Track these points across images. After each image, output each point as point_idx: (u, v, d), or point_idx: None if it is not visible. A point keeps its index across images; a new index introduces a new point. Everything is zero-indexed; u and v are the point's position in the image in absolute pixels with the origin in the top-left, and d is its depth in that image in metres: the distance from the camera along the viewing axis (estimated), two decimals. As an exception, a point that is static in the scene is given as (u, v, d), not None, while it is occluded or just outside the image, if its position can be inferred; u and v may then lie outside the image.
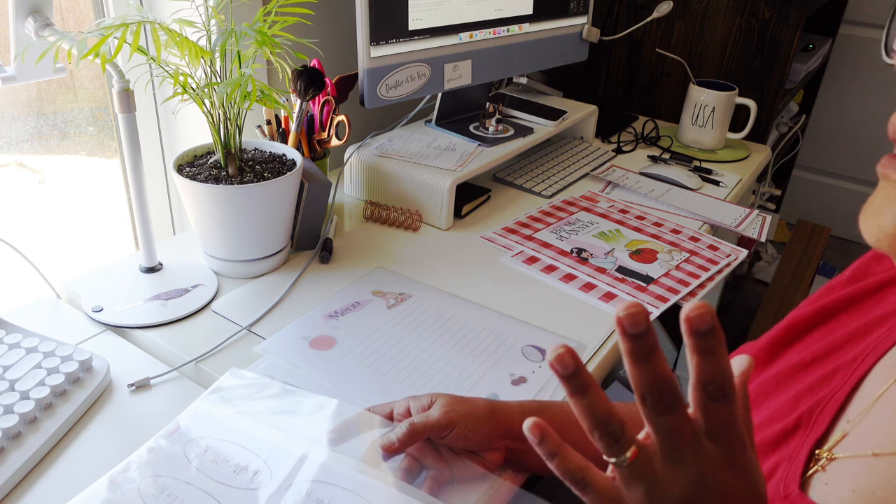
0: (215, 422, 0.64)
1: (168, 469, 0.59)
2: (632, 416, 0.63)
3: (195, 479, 0.58)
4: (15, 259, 0.81)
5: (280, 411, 0.65)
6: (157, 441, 0.62)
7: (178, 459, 0.60)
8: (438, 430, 0.57)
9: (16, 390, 0.66)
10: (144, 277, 0.87)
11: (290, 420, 0.64)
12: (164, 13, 1.03)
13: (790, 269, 1.95)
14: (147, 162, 1.10)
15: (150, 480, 0.58)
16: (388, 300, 0.87)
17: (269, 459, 0.59)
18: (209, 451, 0.61)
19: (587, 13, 1.35)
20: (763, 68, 1.50)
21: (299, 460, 0.59)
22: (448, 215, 1.06)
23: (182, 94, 0.79)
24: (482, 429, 0.59)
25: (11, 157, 0.99)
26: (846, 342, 0.50)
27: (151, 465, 0.59)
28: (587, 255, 1.00)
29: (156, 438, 0.62)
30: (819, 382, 0.48)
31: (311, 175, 0.94)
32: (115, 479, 0.58)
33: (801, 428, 0.45)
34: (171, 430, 0.63)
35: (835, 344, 0.50)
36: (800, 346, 0.54)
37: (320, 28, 1.17)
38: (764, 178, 1.88)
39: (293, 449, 0.60)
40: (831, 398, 0.46)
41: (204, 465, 0.59)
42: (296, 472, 0.58)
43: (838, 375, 0.47)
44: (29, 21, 0.75)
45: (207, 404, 0.66)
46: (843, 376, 0.47)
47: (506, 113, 1.32)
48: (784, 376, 0.52)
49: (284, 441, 0.61)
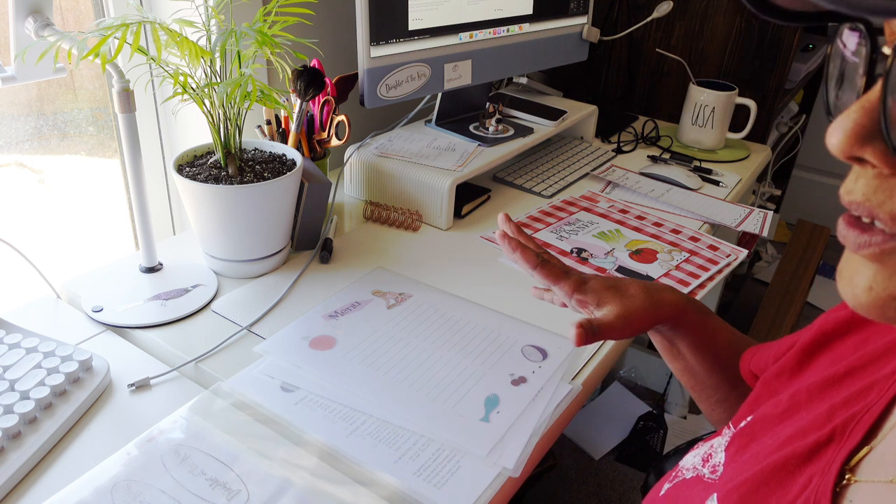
0: (196, 434, 0.64)
1: (143, 475, 0.60)
2: None
3: (170, 488, 0.59)
4: (15, 259, 0.81)
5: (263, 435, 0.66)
6: (134, 446, 0.62)
7: (154, 466, 0.61)
8: (611, 334, 0.62)
9: (16, 390, 0.66)
10: (144, 277, 0.87)
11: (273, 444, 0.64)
12: (164, 13, 1.03)
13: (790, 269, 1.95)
14: (147, 162, 1.10)
15: (124, 484, 0.58)
16: (388, 300, 0.87)
17: (247, 480, 0.60)
18: (187, 461, 0.61)
19: (587, 13, 1.35)
20: (763, 68, 1.50)
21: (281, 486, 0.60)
22: (448, 215, 1.06)
23: (182, 94, 0.79)
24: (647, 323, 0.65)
25: (11, 157, 0.99)
26: (883, 354, 0.48)
27: (126, 469, 0.60)
28: (587, 255, 1.00)
29: (133, 444, 0.63)
30: (855, 396, 0.47)
31: (311, 175, 0.94)
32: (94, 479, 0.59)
33: (835, 441, 0.45)
34: (150, 436, 0.63)
35: (871, 356, 0.49)
36: (831, 356, 0.53)
37: (320, 28, 1.17)
38: (764, 178, 1.88)
39: (274, 472, 0.61)
40: (866, 412, 0.45)
41: (180, 474, 0.60)
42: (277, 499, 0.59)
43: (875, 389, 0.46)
44: (29, 21, 0.75)
45: (192, 414, 0.67)
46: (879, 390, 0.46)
47: (506, 113, 1.32)
48: (817, 388, 0.50)
49: (266, 465, 0.61)
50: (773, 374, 0.56)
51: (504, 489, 0.63)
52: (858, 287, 0.34)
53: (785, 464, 0.45)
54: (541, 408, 0.71)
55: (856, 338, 0.52)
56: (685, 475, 0.54)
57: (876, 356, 0.49)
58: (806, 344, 0.55)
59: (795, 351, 0.55)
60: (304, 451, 0.64)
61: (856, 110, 0.30)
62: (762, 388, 0.56)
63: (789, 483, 0.44)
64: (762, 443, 0.50)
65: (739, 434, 0.53)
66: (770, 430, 0.50)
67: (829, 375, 0.50)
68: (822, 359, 0.53)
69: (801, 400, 0.51)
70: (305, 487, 0.60)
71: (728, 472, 0.50)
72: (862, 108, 0.30)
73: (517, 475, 0.64)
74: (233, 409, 0.68)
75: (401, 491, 0.61)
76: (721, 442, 0.54)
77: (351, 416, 0.69)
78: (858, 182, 0.32)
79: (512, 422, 0.69)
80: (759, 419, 0.52)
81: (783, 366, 0.55)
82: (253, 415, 0.68)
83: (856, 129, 0.30)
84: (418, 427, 0.67)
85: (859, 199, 0.32)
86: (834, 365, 0.51)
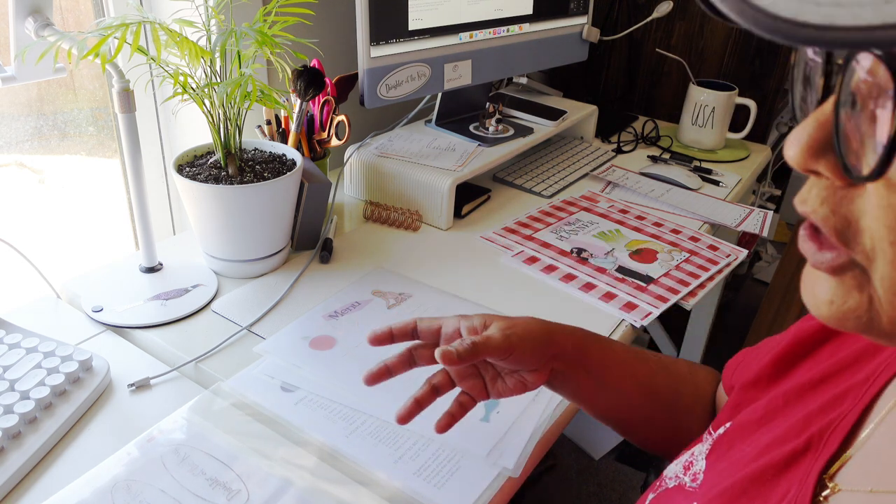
0: (197, 433, 0.64)
1: (142, 475, 0.60)
2: None
3: (170, 487, 0.59)
4: (15, 259, 0.81)
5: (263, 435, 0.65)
6: (134, 446, 0.62)
7: (154, 466, 0.60)
8: (499, 353, 0.57)
9: (16, 390, 0.66)
10: (144, 277, 0.87)
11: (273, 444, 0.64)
12: (164, 13, 1.03)
13: (790, 269, 1.95)
14: (147, 162, 1.10)
15: (124, 484, 0.58)
16: (388, 300, 0.87)
17: (247, 480, 0.60)
18: (187, 461, 0.61)
19: (587, 13, 1.35)
20: (763, 68, 1.50)
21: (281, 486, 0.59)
22: (448, 215, 1.06)
23: (182, 94, 0.79)
24: (538, 353, 0.59)
25: (11, 157, 0.99)
26: (856, 360, 0.48)
27: (126, 469, 0.60)
28: (587, 255, 1.00)
29: (133, 444, 0.63)
30: (831, 403, 0.46)
31: (311, 175, 0.94)
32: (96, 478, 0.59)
33: (812, 450, 0.44)
34: (150, 436, 0.63)
35: (845, 362, 0.49)
36: (809, 363, 0.52)
37: (320, 28, 1.17)
38: (764, 178, 1.88)
39: (274, 472, 0.61)
40: (842, 420, 0.44)
41: (180, 474, 0.60)
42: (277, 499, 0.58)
43: (850, 396, 0.45)
44: (29, 21, 0.75)
45: (192, 415, 0.66)
46: (854, 397, 0.45)
47: (506, 113, 1.32)
48: (793, 395, 0.50)
49: (266, 465, 0.61)
50: (751, 380, 0.55)
51: (504, 489, 0.63)
52: (819, 299, 0.33)
53: (763, 473, 0.45)
54: (541, 408, 0.71)
55: (833, 345, 0.52)
56: (668, 484, 0.54)
57: (850, 362, 0.48)
58: (783, 352, 0.54)
59: (772, 359, 0.55)
60: (304, 451, 0.64)
61: (811, 123, 0.30)
62: (741, 395, 0.56)
63: (768, 492, 0.44)
64: (741, 450, 0.49)
65: (719, 441, 0.52)
66: (748, 436, 0.50)
67: (804, 381, 0.50)
68: (799, 368, 0.53)
69: (778, 406, 0.50)
70: (305, 487, 0.60)
71: (708, 481, 0.50)
72: (816, 120, 0.30)
73: (517, 475, 0.64)
74: (233, 409, 0.68)
75: (401, 491, 0.61)
76: (702, 449, 0.53)
77: (351, 416, 0.69)
78: (812, 192, 0.32)
79: (512, 422, 0.69)
80: (737, 426, 0.52)
81: (760, 373, 0.55)
82: (253, 415, 0.68)
83: (810, 142, 0.30)
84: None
85: (808, 210, 0.32)
86: (810, 371, 0.51)
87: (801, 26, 0.21)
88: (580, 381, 0.63)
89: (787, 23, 0.22)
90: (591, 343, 0.64)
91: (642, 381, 0.66)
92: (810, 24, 0.21)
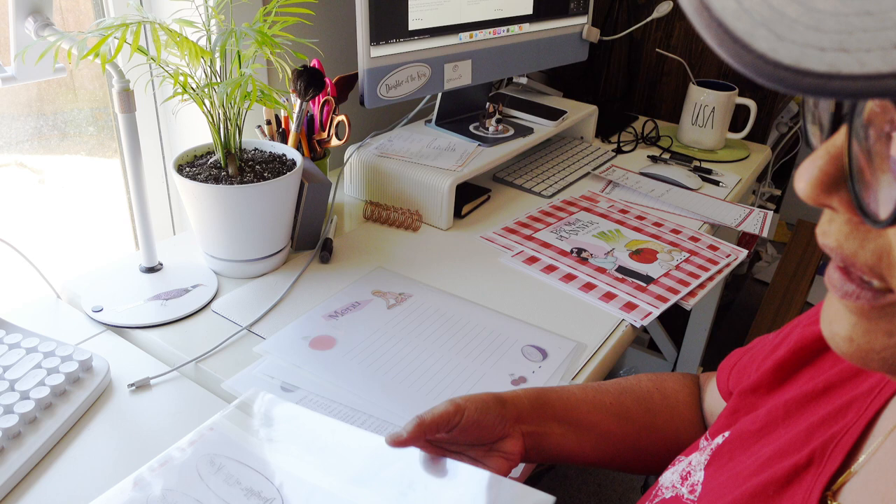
0: (231, 442, 0.63)
1: (178, 483, 0.59)
2: None
3: (204, 496, 0.58)
4: (15, 259, 0.81)
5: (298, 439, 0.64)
6: (171, 453, 0.61)
7: (189, 475, 0.60)
8: (448, 418, 0.55)
9: (16, 390, 0.66)
10: (144, 277, 0.87)
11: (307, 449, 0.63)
12: (164, 13, 1.03)
13: (790, 269, 1.95)
14: (147, 162, 1.10)
15: (159, 492, 0.58)
16: (388, 300, 0.87)
17: (282, 487, 0.59)
18: (222, 471, 0.60)
19: (587, 13, 1.35)
20: (763, 68, 1.50)
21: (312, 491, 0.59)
22: (448, 215, 1.06)
23: (182, 94, 0.79)
24: (492, 412, 0.57)
25: (11, 157, 0.99)
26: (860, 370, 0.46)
27: (163, 477, 0.59)
28: (587, 255, 1.00)
29: (170, 450, 0.61)
30: (833, 414, 0.45)
31: (311, 175, 0.95)
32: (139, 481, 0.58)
33: (814, 464, 0.43)
34: (187, 443, 0.62)
35: (848, 372, 0.47)
36: (811, 372, 0.51)
37: (320, 28, 1.17)
38: (764, 178, 1.88)
39: (307, 478, 0.60)
40: (846, 433, 0.43)
41: (216, 484, 0.59)
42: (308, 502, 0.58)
43: (853, 408, 0.44)
44: (29, 21, 0.75)
45: (227, 422, 0.65)
46: (858, 409, 0.44)
47: (506, 113, 1.32)
48: (794, 405, 0.48)
49: (299, 470, 0.60)
50: (751, 387, 0.54)
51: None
52: (838, 336, 0.32)
53: (765, 489, 0.44)
54: (541, 408, 0.71)
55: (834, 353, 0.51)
56: (664, 494, 0.52)
57: (853, 372, 0.47)
58: (784, 359, 0.53)
59: (773, 365, 0.53)
60: None
61: (822, 156, 0.28)
62: (739, 402, 0.54)
63: None
64: (741, 462, 0.48)
65: (718, 452, 0.51)
66: (748, 448, 0.49)
67: (806, 391, 0.49)
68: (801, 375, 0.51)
69: (779, 416, 0.49)
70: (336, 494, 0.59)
71: (707, 494, 0.49)
72: (828, 153, 0.28)
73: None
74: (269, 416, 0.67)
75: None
76: (700, 459, 0.52)
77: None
78: (832, 224, 0.30)
79: (512, 422, 0.69)
80: (736, 435, 0.51)
81: (760, 380, 0.53)
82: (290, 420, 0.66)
83: (821, 177, 0.28)
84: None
85: (832, 245, 0.30)
86: (812, 380, 0.49)
87: (804, 75, 0.20)
88: (555, 433, 0.61)
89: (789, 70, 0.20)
90: (548, 392, 0.63)
91: (611, 410, 0.64)
92: (813, 73, 0.20)
